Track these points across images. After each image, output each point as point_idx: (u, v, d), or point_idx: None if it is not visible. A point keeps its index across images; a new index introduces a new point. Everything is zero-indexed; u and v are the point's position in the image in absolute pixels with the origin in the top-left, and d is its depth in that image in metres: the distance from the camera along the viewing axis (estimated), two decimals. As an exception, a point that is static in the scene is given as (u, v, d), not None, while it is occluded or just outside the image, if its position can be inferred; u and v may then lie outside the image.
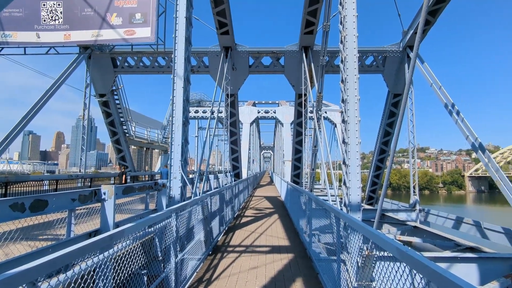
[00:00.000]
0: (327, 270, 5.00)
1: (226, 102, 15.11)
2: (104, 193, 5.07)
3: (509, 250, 9.25)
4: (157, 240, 4.81)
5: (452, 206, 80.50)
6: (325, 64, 14.00)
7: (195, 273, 5.48)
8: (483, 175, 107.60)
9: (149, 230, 3.97)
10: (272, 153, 60.72)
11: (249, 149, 32.16)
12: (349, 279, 4.12)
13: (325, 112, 29.68)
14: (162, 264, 4.64)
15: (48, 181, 12.50)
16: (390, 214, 13.68)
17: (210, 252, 6.74)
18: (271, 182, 38.48)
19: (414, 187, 14.16)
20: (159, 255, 4.76)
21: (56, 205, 4.54)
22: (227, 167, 18.34)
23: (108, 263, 2.66)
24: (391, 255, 2.42)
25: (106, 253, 2.59)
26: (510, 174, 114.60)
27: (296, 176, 17.27)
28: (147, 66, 16.06)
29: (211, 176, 13.20)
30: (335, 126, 31.75)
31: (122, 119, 18.37)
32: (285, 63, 15.74)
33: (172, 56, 7.61)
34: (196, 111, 33.65)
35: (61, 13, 13.63)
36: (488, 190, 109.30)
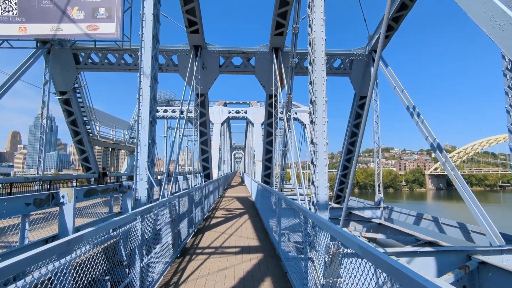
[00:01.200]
0: (296, 269, 5.05)
1: (196, 101, 14.87)
2: (63, 197, 4.78)
3: (463, 243, 9.91)
4: (121, 244, 4.62)
5: (413, 203, 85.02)
6: (295, 66, 14.24)
7: (162, 277, 5.32)
8: (442, 173, 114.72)
9: (113, 234, 3.80)
10: (244, 153, 60.78)
11: (220, 150, 31.95)
12: (316, 276, 4.19)
13: (295, 113, 30.21)
14: (127, 269, 4.46)
15: (1, 185, 11.57)
16: (356, 212, 14.15)
17: (178, 255, 6.59)
18: (242, 182, 38.48)
19: (379, 186, 14.75)
20: (124, 259, 4.57)
21: (8, 210, 4.20)
22: (197, 168, 18.07)
23: (65, 270, 2.50)
24: (354, 252, 2.51)
25: (63, 260, 2.43)
26: (465, 172, 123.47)
27: (267, 176, 17.39)
28: (113, 63, 15.42)
29: (180, 177, 12.92)
30: (305, 126, 32.39)
31: (85, 118, 17.47)
32: (255, 64, 15.79)
33: (139, 53, 7.37)
34: (165, 111, 32.80)
35: (15, 4, 12.68)
36: (446, 188, 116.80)
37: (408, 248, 7.54)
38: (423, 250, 7.11)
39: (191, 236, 8.40)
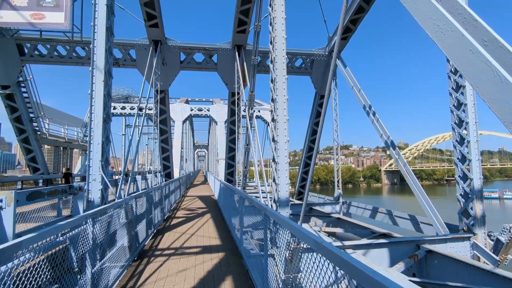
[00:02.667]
0: (257, 266, 5.06)
1: (156, 98, 14.35)
2: (1, 200, 4.34)
3: (413, 234, 10.59)
4: (71, 249, 4.32)
5: (370, 198, 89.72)
6: (257, 64, 14.28)
7: (118, 282, 5.06)
8: (395, 169, 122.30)
9: (60, 239, 3.54)
10: (207, 152, 59.98)
11: (182, 148, 31.20)
12: (277, 273, 4.23)
13: (258, 111, 30.37)
14: (78, 276, 4.18)
15: None
16: (317, 207, 14.57)
17: (136, 258, 6.31)
18: (205, 181, 37.98)
19: (338, 182, 15.30)
20: (75, 266, 4.27)
21: None
22: (157, 167, 17.49)
23: (3, 281, 2.27)
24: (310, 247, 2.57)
25: (-1, 270, 2.20)
26: (416, 167, 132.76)
27: (230, 174, 17.29)
28: (63, 56, 14.32)
29: (139, 177, 12.40)
30: (268, 124, 32.69)
31: (32, 115, 16.09)
32: (218, 61, 15.57)
33: (91, 46, 6.91)
34: (123, 108, 31.25)
35: None
36: (400, 182, 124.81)
37: (364, 241, 7.88)
38: (378, 242, 7.48)
39: (150, 237, 8.10)
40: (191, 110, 32.46)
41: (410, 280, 5.32)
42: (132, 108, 31.25)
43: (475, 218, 7.65)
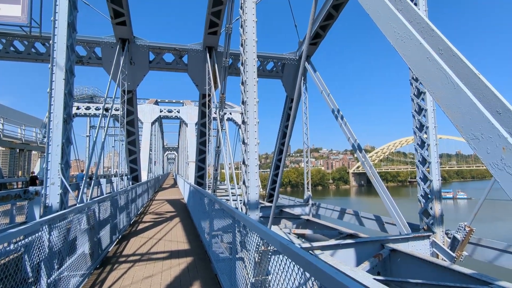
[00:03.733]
0: (226, 270, 5.00)
1: (123, 98, 13.83)
2: None
3: (378, 233, 10.99)
4: (26, 258, 4.02)
5: (339, 199, 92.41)
6: (229, 66, 14.22)
7: (77, 292, 4.78)
8: (362, 171, 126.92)
9: (12, 247, 3.29)
10: (177, 154, 58.73)
11: (151, 150, 30.30)
12: (247, 276, 4.19)
13: (230, 113, 30.27)
14: (33, 287, 3.90)
15: None
16: (287, 209, 14.71)
17: (98, 265, 6.01)
18: (175, 184, 37.14)
19: (307, 184, 15.56)
20: (30, 276, 3.99)
21: None
22: (124, 169, 16.84)
23: None
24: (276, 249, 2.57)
25: None
26: (382, 170, 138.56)
27: (200, 177, 17.03)
28: (21, 52, 13.40)
29: (103, 180, 11.85)
30: (239, 127, 32.68)
31: (-16, 114, 14.94)
32: (188, 62, 15.32)
33: (51, 42, 6.53)
34: (88, 108, 29.75)
35: None
36: (366, 184, 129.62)
37: (332, 242, 8.05)
38: (345, 243, 7.67)
39: (115, 243, 7.75)
40: (161, 111, 31.59)
41: (374, 279, 5.49)
42: (97, 109, 29.87)
43: (434, 217, 8.07)
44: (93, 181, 8.82)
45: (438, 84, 2.21)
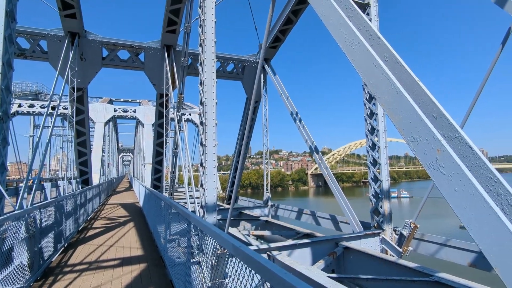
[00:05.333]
0: (181, 275, 4.85)
1: (72, 96, 12.89)
2: None
3: (333, 232, 11.41)
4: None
5: (298, 200, 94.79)
6: (188, 66, 13.91)
7: (12, 308, 4.33)
8: (320, 172, 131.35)
9: None
10: (133, 156, 56.18)
11: (104, 152, 28.66)
12: (203, 280, 4.10)
13: (189, 114, 29.64)
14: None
15: None
16: (247, 211, 14.73)
17: (39, 277, 5.51)
18: (130, 187, 35.48)
19: (267, 186, 15.72)
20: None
21: None
22: (73, 172, 15.71)
23: None
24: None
25: None
26: (338, 171, 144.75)
27: (157, 180, 16.42)
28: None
29: (48, 184, 10.92)
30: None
31: None
32: (145, 60, 14.72)
33: (-15, 31, 5.89)
34: (31, 105, 27.21)
35: None
36: (324, 185, 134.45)
37: (289, 242, 8.19)
38: (301, 242, 7.84)
39: (59, 252, 7.17)
40: (115, 110, 29.92)
41: (328, 277, 5.67)
42: (43, 107, 27.51)
43: (384, 215, 8.55)
44: (35, 185, 8.05)
45: (382, 89, 2.33)
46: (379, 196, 8.70)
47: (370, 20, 9.06)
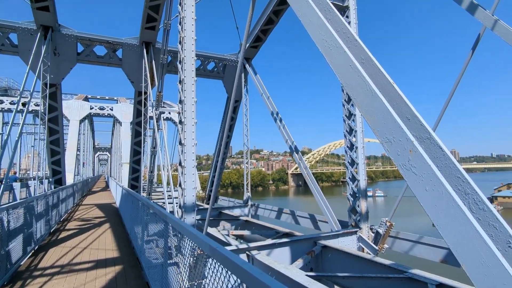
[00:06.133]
0: (158, 277, 4.76)
1: (44, 93, 12.35)
2: None
3: (312, 231, 11.55)
4: None
5: (278, 199, 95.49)
6: (168, 64, 13.67)
7: (-25, 316, 4.10)
8: (300, 172, 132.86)
9: None
10: (110, 155, 54.58)
11: (79, 151, 27.66)
12: (181, 281, 4.04)
13: (169, 113, 29.13)
14: None
15: None
16: (226, 211, 14.66)
17: (6, 282, 5.23)
18: (107, 187, 34.47)
19: (247, 185, 15.71)
20: None
21: None
22: (46, 172, 15.08)
23: None
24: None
25: None
26: (318, 171, 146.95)
27: (135, 179, 16.04)
28: None
29: (17, 184, 10.41)
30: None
31: None
32: (123, 57, 14.32)
33: None
34: (0, 101, 25.85)
35: None
36: (304, 184, 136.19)
37: (269, 241, 8.21)
38: (280, 242, 7.88)
39: (29, 255, 6.86)
40: (91, 108, 28.89)
41: (307, 275, 5.73)
42: (12, 103, 26.13)
43: (361, 214, 8.75)
44: (2, 186, 7.61)
45: (359, 90, 2.37)
46: (357, 195, 8.89)
47: (349, 22, 9.25)
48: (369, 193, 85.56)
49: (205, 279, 3.58)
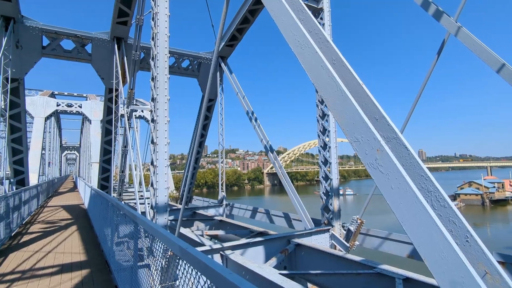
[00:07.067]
0: (128, 280, 4.62)
1: (5, 88, 11.59)
2: None
3: (287, 230, 11.66)
4: None
5: (254, 199, 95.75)
6: (140, 60, 13.28)
7: None
8: (276, 171, 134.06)
9: None
10: (78, 154, 52.24)
11: (44, 150, 26.24)
12: (153, 283, 3.94)
13: (142, 111, 28.35)
14: None
15: None
16: (201, 211, 14.48)
17: (-41, 291, 4.87)
18: (75, 188, 33.00)
19: (222, 185, 15.60)
20: None
21: None
22: (7, 172, 14.18)
23: None
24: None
25: None
26: (293, 170, 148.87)
27: (105, 179, 15.45)
28: None
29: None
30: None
31: None
32: (92, 52, 13.73)
33: None
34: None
35: None
36: (279, 184, 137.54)
37: (243, 241, 8.19)
38: (254, 241, 7.89)
39: (-14, 261, 6.42)
40: (58, 105, 27.41)
41: (280, 274, 5.77)
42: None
43: (334, 212, 8.94)
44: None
45: (329, 91, 2.41)
46: (329, 193, 9.08)
47: (323, 24, 9.42)
48: (340, 192, 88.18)
49: (177, 281, 3.52)
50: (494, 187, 74.11)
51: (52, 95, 27.92)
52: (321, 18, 9.60)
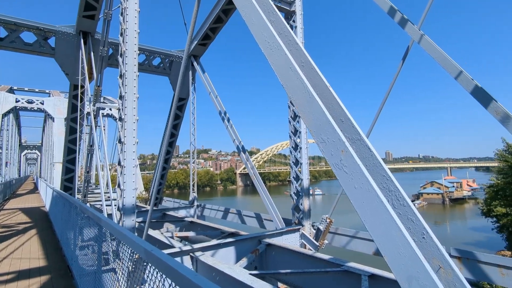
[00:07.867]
0: (92, 285, 4.43)
1: (-44, 81, 10.74)
2: None
3: (258, 230, 11.70)
4: None
5: (226, 199, 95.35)
6: (109, 57, 12.78)
7: None
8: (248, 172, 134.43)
9: None
10: (40, 154, 49.27)
11: (1, 149, 24.49)
12: (119, 287, 3.82)
13: (110, 109, 27.28)
14: None
15: None
16: (171, 212, 14.18)
17: None
18: (35, 189, 31.11)
19: (193, 185, 15.39)
20: None
21: None
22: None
23: None
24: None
25: None
26: (266, 170, 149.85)
27: (69, 180, 14.69)
28: None
29: None
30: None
31: None
32: (56, 46, 12.99)
33: None
34: None
35: None
36: (252, 184, 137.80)
37: (214, 242, 8.12)
38: (225, 242, 7.84)
39: None
40: (17, 101, 25.62)
41: (250, 274, 5.78)
42: None
43: (304, 212, 9.10)
44: None
45: (297, 92, 2.45)
46: (300, 193, 9.23)
47: (295, 27, 9.56)
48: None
49: (144, 284, 3.42)
50: (453, 186, 79.07)
51: (11, 91, 26.04)
52: (294, 21, 9.74)
